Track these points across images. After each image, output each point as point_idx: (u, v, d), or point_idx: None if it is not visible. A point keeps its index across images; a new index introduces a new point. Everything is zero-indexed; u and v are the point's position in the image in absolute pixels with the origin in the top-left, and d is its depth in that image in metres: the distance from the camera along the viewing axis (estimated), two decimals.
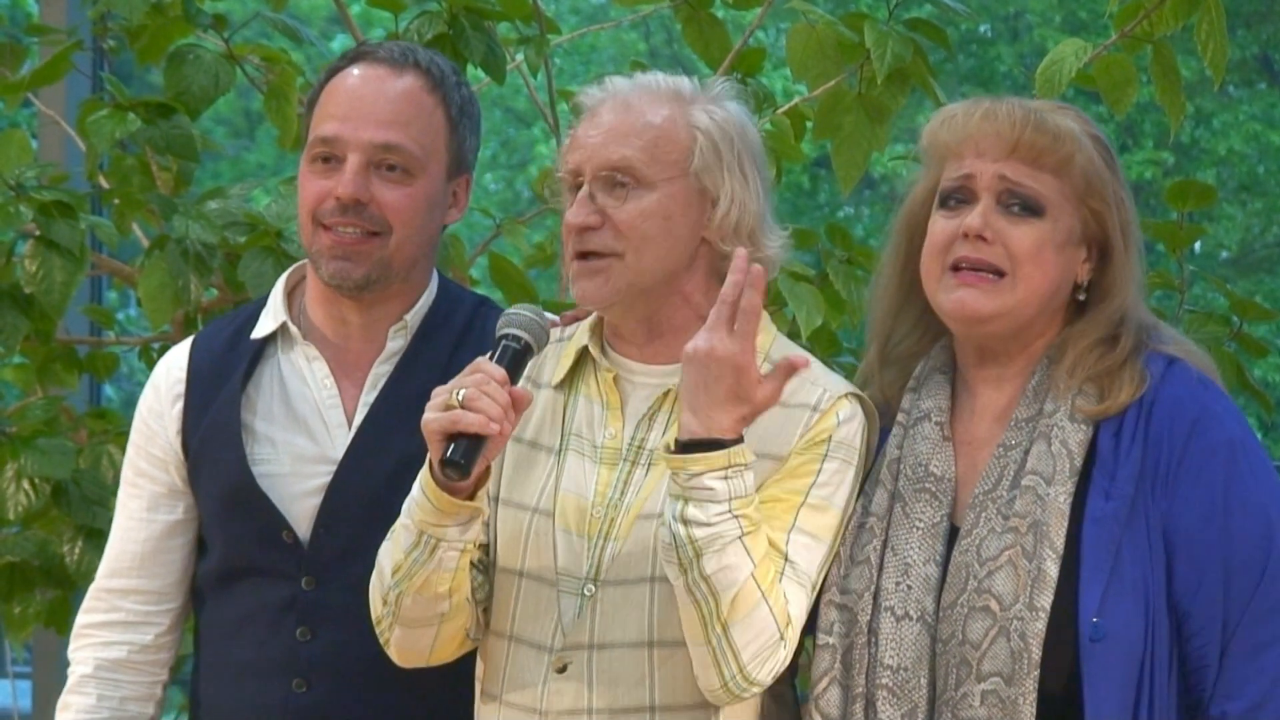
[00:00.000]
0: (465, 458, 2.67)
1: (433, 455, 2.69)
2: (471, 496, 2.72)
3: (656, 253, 2.80)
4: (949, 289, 2.78)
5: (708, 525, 2.64)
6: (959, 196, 2.80)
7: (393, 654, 2.85)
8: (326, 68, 3.12)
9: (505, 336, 2.76)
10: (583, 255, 2.81)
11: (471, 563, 2.80)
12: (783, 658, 2.72)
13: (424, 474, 2.72)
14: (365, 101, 3.02)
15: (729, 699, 2.72)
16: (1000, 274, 2.76)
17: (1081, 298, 2.81)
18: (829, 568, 2.79)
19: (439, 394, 2.69)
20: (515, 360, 2.74)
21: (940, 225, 2.80)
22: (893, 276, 2.91)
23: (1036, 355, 2.81)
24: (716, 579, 2.65)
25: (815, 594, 2.77)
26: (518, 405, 2.70)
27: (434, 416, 2.68)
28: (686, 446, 2.65)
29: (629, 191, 2.79)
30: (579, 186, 2.82)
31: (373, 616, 2.84)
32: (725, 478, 2.65)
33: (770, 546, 2.72)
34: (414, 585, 2.75)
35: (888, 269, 2.92)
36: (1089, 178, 2.78)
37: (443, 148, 3.07)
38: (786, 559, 2.74)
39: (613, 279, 2.79)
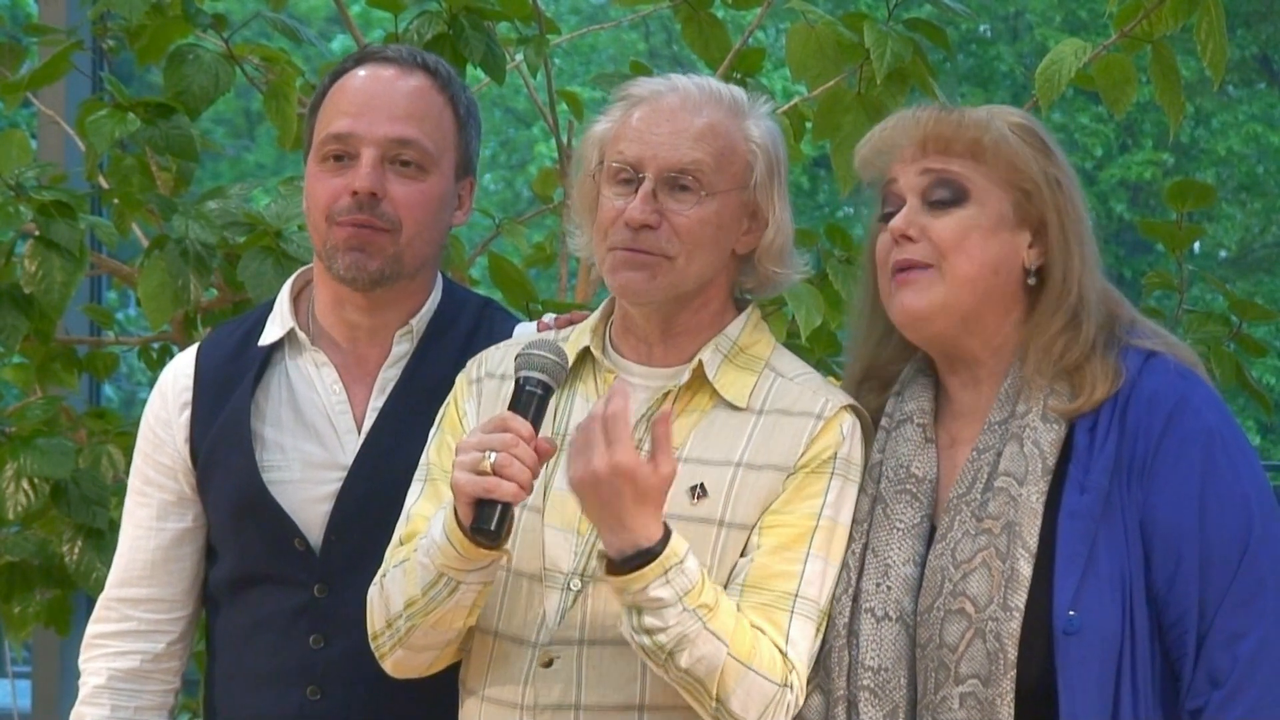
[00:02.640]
0: (499, 526, 2.66)
1: (462, 515, 2.66)
2: (499, 546, 2.71)
3: (704, 260, 2.80)
4: (891, 296, 2.80)
5: (668, 629, 2.64)
6: (890, 206, 2.83)
7: (388, 667, 2.84)
8: (329, 71, 3.11)
9: (527, 382, 2.70)
10: (630, 249, 2.79)
11: None
12: (791, 701, 2.71)
13: (449, 523, 2.68)
14: (378, 98, 3.02)
15: None
16: (930, 265, 2.77)
17: (1032, 282, 2.81)
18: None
19: (466, 448, 2.65)
20: (539, 407, 2.70)
21: (881, 240, 2.83)
22: (865, 310, 2.92)
23: (1006, 354, 2.81)
24: (695, 670, 2.66)
25: (826, 618, 2.77)
26: (543, 459, 2.67)
27: (467, 479, 2.63)
28: (620, 566, 2.64)
29: (692, 196, 2.78)
30: (629, 180, 2.79)
31: (369, 630, 2.82)
32: (667, 581, 2.64)
33: (769, 578, 2.73)
34: (429, 621, 2.74)
35: (859, 303, 2.94)
36: (1008, 159, 2.79)
37: (452, 146, 3.06)
38: (797, 595, 2.74)
39: (659, 278, 2.78)
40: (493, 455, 2.63)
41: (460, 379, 2.94)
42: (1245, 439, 2.75)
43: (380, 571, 2.82)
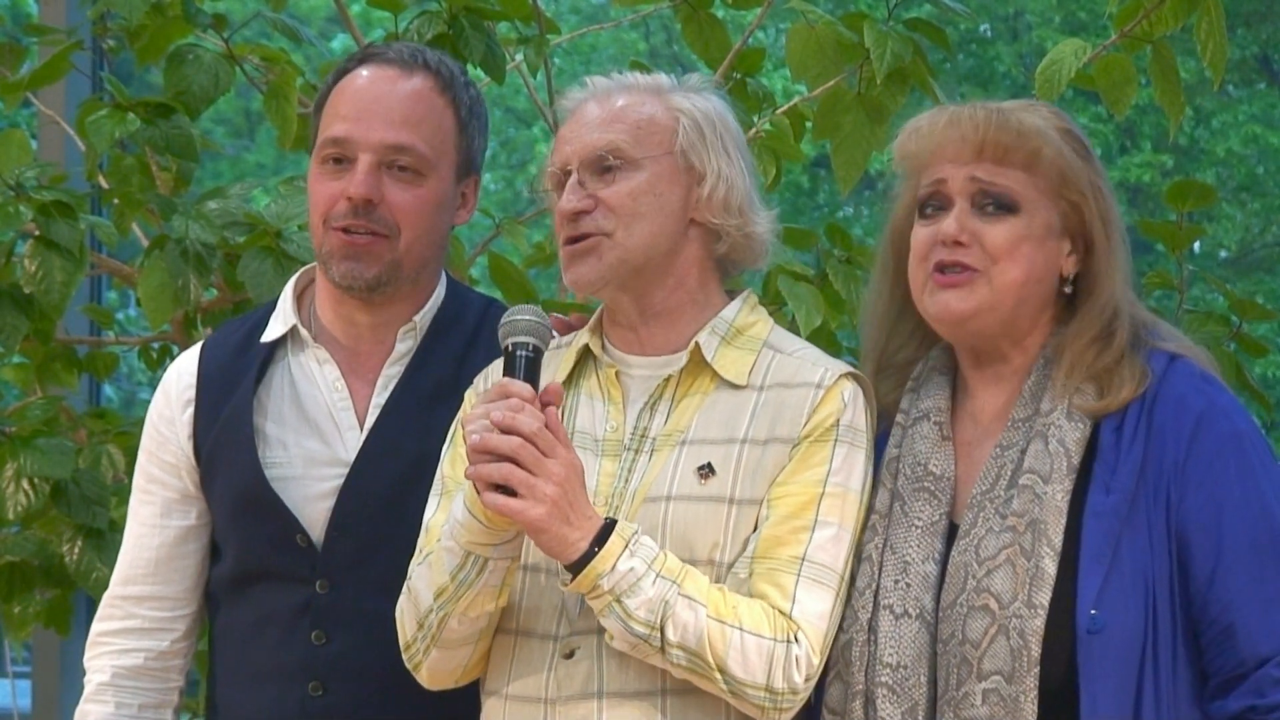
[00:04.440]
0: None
1: (484, 494, 2.67)
2: None
3: (646, 228, 2.81)
4: (932, 293, 2.80)
5: (650, 599, 2.67)
6: (935, 203, 2.83)
7: (423, 677, 2.84)
8: (334, 69, 3.13)
9: (517, 347, 2.73)
10: (573, 239, 2.82)
11: None
12: (803, 655, 2.72)
13: (470, 498, 2.69)
14: (376, 102, 3.03)
15: (780, 715, 2.73)
16: (978, 270, 2.78)
17: (1069, 290, 2.82)
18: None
19: (473, 420, 2.67)
20: (532, 368, 2.73)
21: (920, 234, 2.83)
22: (883, 292, 2.93)
23: (1032, 354, 2.82)
24: (685, 641, 2.68)
25: (846, 583, 2.78)
26: (556, 403, 2.69)
27: (488, 469, 2.65)
28: (584, 559, 2.67)
29: (617, 173, 2.82)
30: (564, 181, 2.84)
31: (401, 643, 2.83)
32: (632, 553, 2.68)
33: (776, 546, 2.74)
34: (460, 606, 2.75)
35: (877, 285, 2.94)
36: (1061, 170, 2.80)
37: (452, 148, 3.07)
38: (804, 559, 2.75)
39: (604, 257, 2.81)
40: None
41: (469, 393, 2.95)
42: (1267, 441, 2.78)
43: (407, 578, 2.82)
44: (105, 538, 4.12)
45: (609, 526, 2.69)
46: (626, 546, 2.68)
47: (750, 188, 2.88)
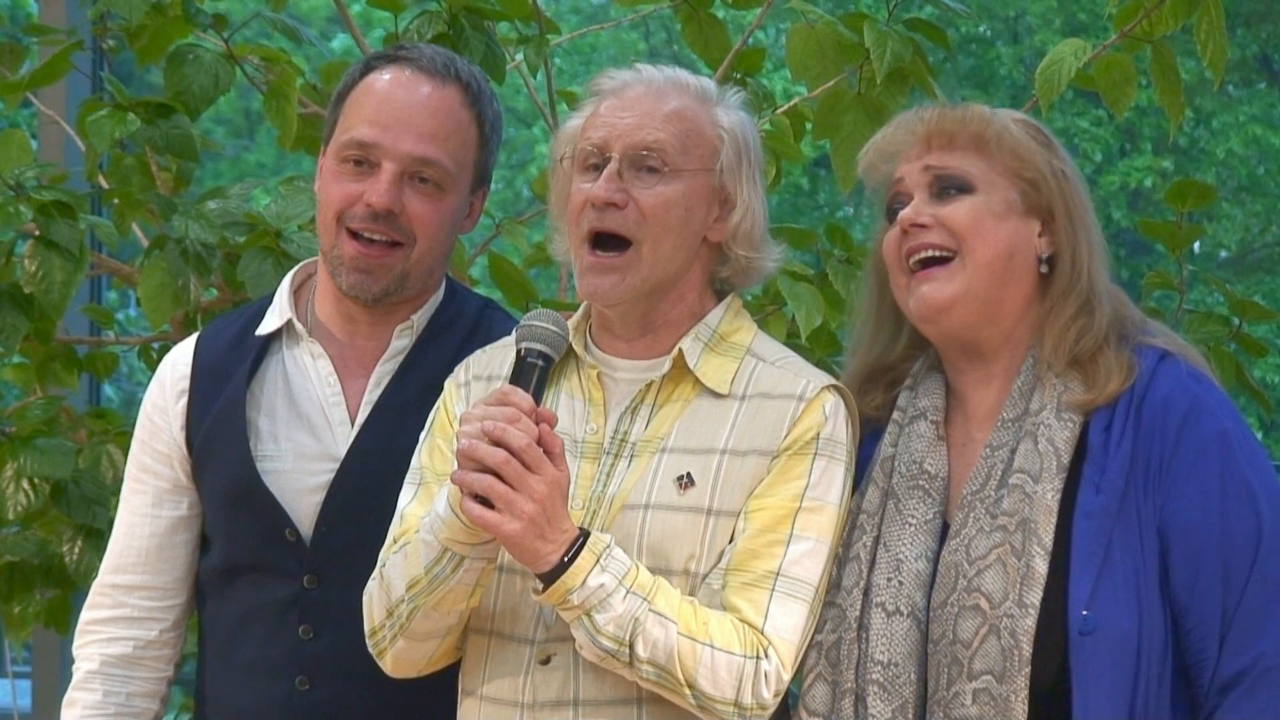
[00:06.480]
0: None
1: (464, 502, 2.66)
2: None
3: (672, 245, 2.80)
4: (912, 291, 2.81)
5: (619, 615, 2.66)
6: (898, 204, 2.84)
7: (387, 664, 2.84)
8: (360, 62, 3.11)
9: (529, 354, 2.72)
10: (598, 237, 2.79)
11: None
12: (772, 671, 2.71)
13: (454, 497, 2.68)
14: (406, 110, 3.01)
15: None
16: (949, 254, 2.79)
17: (1044, 270, 2.82)
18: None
19: (469, 420, 2.66)
20: (541, 378, 2.72)
21: (889, 237, 2.85)
22: (871, 313, 2.93)
23: (1019, 350, 2.82)
24: (655, 657, 2.67)
25: (822, 596, 2.78)
26: (545, 439, 2.66)
27: (471, 479, 2.63)
28: (555, 569, 2.65)
29: (658, 176, 2.79)
30: (597, 165, 2.81)
31: (367, 628, 2.83)
32: (603, 568, 2.66)
33: (750, 560, 2.73)
34: (431, 601, 2.74)
35: (865, 309, 2.95)
36: (1013, 149, 2.82)
37: (471, 163, 3.08)
38: (779, 574, 2.74)
39: (628, 277, 2.79)
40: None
41: (449, 383, 2.94)
42: (1257, 440, 2.78)
43: (378, 564, 2.82)
44: (105, 537, 4.10)
45: (582, 539, 2.67)
46: (598, 561, 2.66)
47: (765, 219, 2.88)
